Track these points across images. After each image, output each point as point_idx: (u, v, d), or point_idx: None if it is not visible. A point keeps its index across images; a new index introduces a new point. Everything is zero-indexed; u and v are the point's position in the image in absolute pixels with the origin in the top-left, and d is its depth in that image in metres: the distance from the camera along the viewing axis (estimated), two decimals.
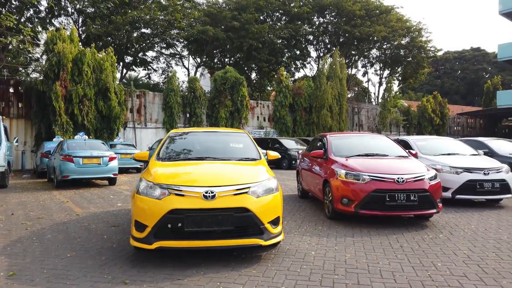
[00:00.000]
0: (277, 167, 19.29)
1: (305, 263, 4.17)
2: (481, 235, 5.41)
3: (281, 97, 26.21)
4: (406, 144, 9.28)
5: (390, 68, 41.07)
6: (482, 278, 3.73)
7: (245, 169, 4.75)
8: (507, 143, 11.33)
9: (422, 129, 31.80)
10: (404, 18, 37.09)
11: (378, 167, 6.21)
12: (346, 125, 28.67)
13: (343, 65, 28.80)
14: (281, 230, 4.39)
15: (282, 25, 35.33)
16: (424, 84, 57.57)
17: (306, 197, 8.86)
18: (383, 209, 5.84)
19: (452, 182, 7.70)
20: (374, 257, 4.38)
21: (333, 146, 7.31)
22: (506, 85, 43.80)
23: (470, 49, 60.95)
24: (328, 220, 6.41)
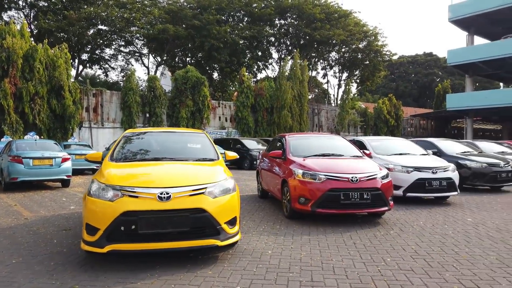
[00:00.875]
0: (239, 167, 19.32)
1: (261, 262, 4.21)
2: (429, 231, 5.71)
3: (243, 98, 26.28)
4: (361, 144, 9.59)
5: (349, 71, 42.31)
6: (427, 271, 3.94)
7: (202, 170, 4.72)
8: (454, 144, 12.02)
9: (378, 130, 33.00)
10: (361, 22, 38.35)
11: (334, 167, 6.38)
12: (306, 125, 29.21)
13: (304, 67, 29.32)
14: (238, 230, 4.41)
15: (244, 26, 35.44)
16: (380, 87, 59.79)
17: (266, 197, 8.93)
18: (338, 207, 6.01)
19: (403, 180, 8.06)
20: (328, 254, 4.50)
21: (291, 146, 7.43)
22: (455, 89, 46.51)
23: (422, 54, 64.05)
24: (286, 220, 6.50)
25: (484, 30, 31.99)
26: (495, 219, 6.58)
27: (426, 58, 62.40)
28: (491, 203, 8.34)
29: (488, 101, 28.11)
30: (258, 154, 17.50)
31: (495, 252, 4.62)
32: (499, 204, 8.20)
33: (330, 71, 43.85)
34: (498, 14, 28.35)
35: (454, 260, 4.30)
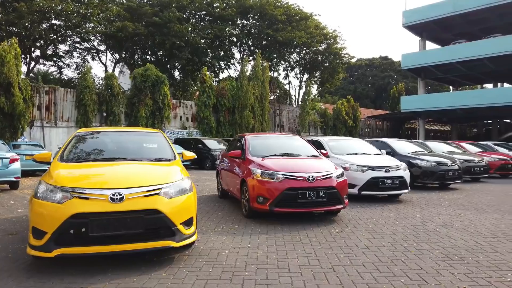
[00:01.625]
0: (200, 167, 19.18)
1: (218, 262, 4.20)
2: (381, 227, 5.94)
3: (204, 97, 26.06)
4: (319, 144, 9.82)
5: (309, 73, 43.12)
6: (378, 266, 4.10)
7: (158, 170, 4.64)
8: (407, 144, 12.60)
9: (337, 130, 33.89)
10: (321, 25, 39.21)
11: (292, 167, 6.49)
12: (268, 126, 29.46)
13: (265, 67, 29.55)
14: (194, 230, 4.37)
15: (205, 25, 35.17)
16: (339, 89, 61.46)
17: (226, 197, 8.92)
18: (296, 206, 6.12)
19: (358, 179, 8.34)
20: (284, 253, 4.57)
21: (250, 146, 7.46)
22: (409, 91, 48.69)
23: (379, 58, 66.52)
24: (245, 219, 6.53)
25: (435, 36, 33.76)
26: (442, 215, 6.96)
27: (382, 62, 64.86)
28: (439, 200, 8.81)
29: (438, 104, 29.70)
30: (219, 154, 17.41)
31: (441, 246, 4.89)
32: (446, 201, 8.68)
33: (292, 72, 44.53)
34: (448, 21, 30.03)
35: (402, 255, 4.50)
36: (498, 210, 7.53)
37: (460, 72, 30.99)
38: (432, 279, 3.71)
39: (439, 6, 29.42)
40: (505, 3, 26.06)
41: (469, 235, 5.49)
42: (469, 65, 29.00)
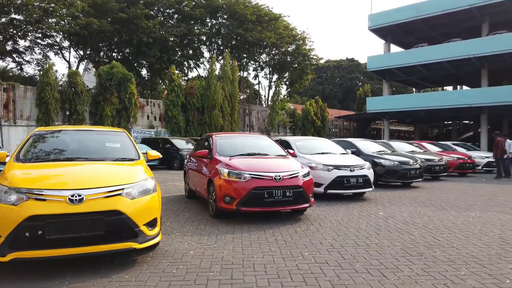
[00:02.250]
0: (169, 167, 18.92)
1: (182, 263, 4.16)
2: (345, 225, 6.08)
3: (173, 96, 25.70)
4: (287, 144, 9.93)
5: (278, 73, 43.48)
6: (340, 263, 4.19)
7: (120, 170, 4.53)
8: (371, 143, 12.96)
9: (306, 130, 34.36)
10: (290, 26, 39.62)
11: (259, 166, 6.51)
12: (237, 125, 29.45)
13: (235, 67, 29.52)
14: (158, 231, 4.30)
15: (174, 23, 34.69)
16: (308, 89, 62.35)
17: (193, 197, 8.84)
18: (262, 205, 6.15)
19: (324, 178, 8.49)
20: (250, 252, 4.58)
21: (218, 146, 7.43)
22: (375, 93, 50.10)
23: (346, 59, 68.05)
24: (212, 219, 6.49)
25: (399, 39, 34.90)
26: (403, 213, 7.21)
27: (349, 63, 66.39)
28: (401, 198, 9.12)
29: (402, 105, 30.73)
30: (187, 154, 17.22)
31: (401, 242, 5.06)
32: (408, 199, 9.00)
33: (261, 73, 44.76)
34: (411, 25, 31.13)
35: (364, 252, 4.62)
36: (455, 207, 7.88)
37: (422, 74, 32.19)
38: (391, 275, 3.83)
39: (402, 10, 30.43)
40: (462, 9, 27.32)
41: (427, 231, 5.72)
42: (431, 68, 30.19)
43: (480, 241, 5.15)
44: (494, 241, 5.12)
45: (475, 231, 5.74)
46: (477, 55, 26.26)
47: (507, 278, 3.71)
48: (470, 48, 26.63)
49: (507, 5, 26.10)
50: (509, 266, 4.08)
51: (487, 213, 7.25)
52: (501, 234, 5.52)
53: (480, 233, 5.61)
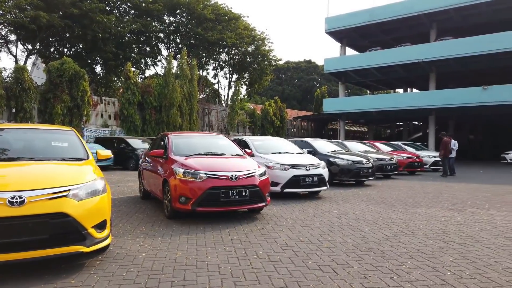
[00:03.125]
0: (124, 167, 18.36)
1: (133, 266, 4.04)
2: (299, 223, 6.19)
3: (128, 94, 24.95)
4: (245, 143, 9.93)
5: (238, 73, 43.52)
6: (293, 261, 4.25)
7: (67, 170, 4.31)
8: (327, 143, 13.29)
9: (265, 130, 34.65)
10: (250, 26, 39.77)
11: (215, 166, 6.47)
12: (196, 125, 29.14)
13: (193, 66, 29.17)
14: (108, 234, 4.15)
15: (130, 19, 33.68)
16: (268, 90, 62.94)
17: (148, 198, 8.63)
18: (219, 205, 6.11)
19: (281, 177, 8.60)
20: (205, 252, 4.54)
21: (173, 145, 7.30)
22: (332, 94, 51.46)
23: (304, 61, 69.42)
24: (167, 220, 6.37)
25: (354, 43, 36.11)
26: (355, 210, 7.46)
27: (307, 65, 67.77)
28: (354, 196, 9.43)
29: (357, 106, 31.84)
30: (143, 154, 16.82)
31: (352, 239, 5.23)
32: (360, 197, 9.33)
33: (221, 72, 44.59)
34: (365, 29, 32.31)
35: (317, 249, 4.73)
36: (404, 204, 8.27)
37: (376, 77, 33.52)
38: (342, 270, 3.94)
39: (357, 14, 31.51)
40: (412, 15, 28.77)
41: (377, 227, 5.95)
42: (384, 71, 31.51)
43: (425, 236, 5.42)
44: (437, 236, 5.42)
45: (421, 226, 6.05)
46: (426, 59, 27.75)
47: (448, 271, 3.93)
48: (420, 52, 28.08)
49: (452, 13, 27.79)
50: (450, 259, 4.34)
51: (432, 209, 7.66)
52: (445, 229, 5.85)
53: (425, 228, 5.91)
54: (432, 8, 27.76)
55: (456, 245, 4.90)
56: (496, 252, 4.57)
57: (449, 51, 26.91)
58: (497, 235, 5.46)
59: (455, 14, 27.81)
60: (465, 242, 5.05)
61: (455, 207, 7.88)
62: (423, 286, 3.50)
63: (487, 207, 7.95)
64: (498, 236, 5.37)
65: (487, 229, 5.86)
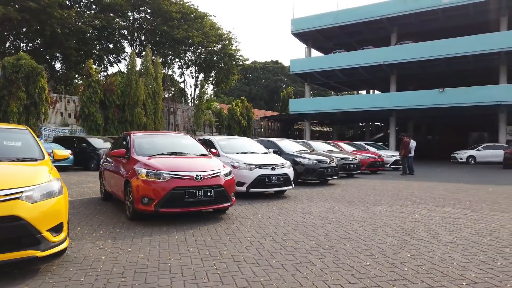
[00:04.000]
0: (85, 168, 17.74)
1: (92, 269, 3.90)
2: (264, 223, 6.21)
3: (90, 92, 24.11)
4: (211, 143, 9.87)
5: (205, 72, 43.18)
6: (258, 260, 4.26)
7: (20, 171, 4.10)
8: (292, 143, 13.45)
9: (232, 130, 34.59)
10: (216, 25, 39.56)
11: (179, 166, 6.38)
12: (161, 124, 28.63)
13: (158, 64, 28.64)
14: (65, 237, 3.98)
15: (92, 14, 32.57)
16: (235, 89, 62.88)
17: (110, 199, 8.37)
18: (183, 205, 6.03)
19: (247, 177, 8.60)
20: (167, 254, 4.46)
21: (136, 145, 7.13)
22: (298, 95, 52.15)
23: (271, 62, 69.89)
24: (129, 222, 6.20)
25: (320, 44, 36.81)
26: (319, 209, 7.59)
27: (274, 65, 68.29)
28: (318, 195, 9.60)
29: (322, 107, 32.47)
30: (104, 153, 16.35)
31: (315, 237, 5.31)
32: (324, 196, 9.50)
33: (187, 71, 44.15)
34: (329, 32, 33.01)
35: (281, 248, 4.76)
36: (365, 202, 8.51)
37: (340, 78, 34.32)
38: (305, 268, 3.99)
39: (322, 17, 32.14)
40: (374, 19, 29.70)
41: (340, 225, 6.08)
42: (347, 72, 32.33)
43: (384, 233, 5.60)
44: (396, 233, 5.61)
45: (381, 223, 6.24)
46: (387, 62, 28.74)
47: (406, 266, 4.08)
48: (381, 55, 29.04)
49: (412, 18, 28.93)
50: (408, 255, 4.50)
51: (392, 207, 7.93)
52: (403, 226, 6.07)
53: (385, 225, 6.11)
54: (393, 13, 28.78)
55: (413, 242, 5.10)
56: (450, 248, 4.79)
57: (408, 55, 28.01)
58: (451, 231, 5.73)
59: (414, 19, 28.97)
60: (422, 238, 5.26)
61: (413, 205, 8.20)
62: (382, 282, 3.61)
63: (443, 204, 8.33)
64: (452, 232, 5.64)
65: (442, 225, 6.13)
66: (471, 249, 4.71)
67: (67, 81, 35.39)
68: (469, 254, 4.51)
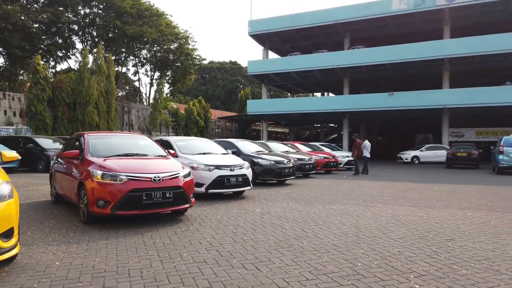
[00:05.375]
0: (32, 169, 16.77)
1: (46, 276, 3.75)
2: (224, 223, 6.26)
3: (37, 90, 22.83)
4: (168, 144, 9.75)
5: (160, 71, 42.33)
6: (218, 261, 4.30)
7: None
8: (250, 144, 13.58)
9: (189, 130, 34.19)
10: (173, 24, 38.94)
11: (136, 167, 6.26)
12: (115, 124, 27.72)
13: (110, 61, 27.69)
14: (16, 242, 3.80)
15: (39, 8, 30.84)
16: (192, 89, 62.18)
17: (61, 202, 8.03)
18: (141, 208, 5.92)
19: (205, 178, 8.59)
20: (125, 257, 4.38)
21: (90, 146, 6.89)
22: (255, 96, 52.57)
23: (229, 62, 69.91)
24: (83, 225, 6.00)
25: (276, 47, 37.37)
26: (277, 208, 7.75)
27: (231, 66, 68.36)
28: (276, 195, 9.78)
29: (278, 108, 32.99)
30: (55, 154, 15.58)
31: (274, 236, 5.44)
32: (282, 196, 9.71)
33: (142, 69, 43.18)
34: (286, 34, 33.61)
35: (241, 248, 4.84)
36: (321, 202, 8.80)
37: (296, 80, 35.05)
38: (264, 267, 4.09)
39: (279, 20, 32.65)
40: (329, 24, 30.67)
41: (297, 224, 6.26)
42: (303, 75, 33.09)
43: (339, 230, 5.85)
44: (350, 230, 5.88)
45: (336, 222, 6.50)
46: (340, 66, 29.77)
47: (359, 262, 4.30)
48: (335, 59, 30.04)
49: (364, 24, 30.18)
50: (361, 251, 4.74)
51: (346, 205, 8.27)
52: (356, 224, 6.37)
53: (339, 223, 6.37)
54: (346, 18, 29.86)
55: (366, 238, 5.37)
56: (399, 243, 5.11)
57: (360, 59, 29.21)
58: (400, 227, 6.10)
59: (366, 25, 30.24)
60: (374, 235, 5.56)
61: (365, 203, 8.60)
62: (338, 278, 3.79)
63: (392, 202, 8.81)
64: (401, 229, 6.00)
65: (392, 222, 6.50)
66: (417, 244, 5.05)
67: (11, 77, 33.23)
68: (416, 248, 4.84)
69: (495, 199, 9.39)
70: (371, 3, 29.02)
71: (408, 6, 27.58)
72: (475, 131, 30.00)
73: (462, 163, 22.60)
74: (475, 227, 6.10)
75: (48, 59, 34.51)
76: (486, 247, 4.93)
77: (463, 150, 22.52)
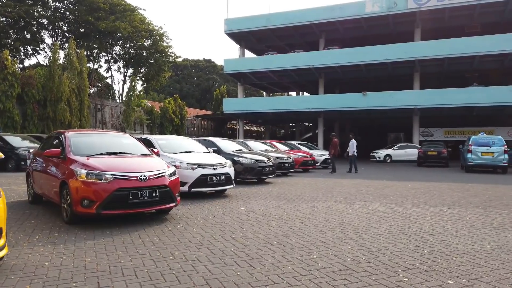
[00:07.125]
0: (2, 169, 16.13)
1: (37, 276, 3.67)
2: (211, 222, 6.28)
3: (5, 86, 21.87)
4: (149, 142, 9.63)
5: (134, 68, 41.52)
6: (210, 259, 4.33)
7: None
8: (231, 143, 13.60)
9: (164, 128, 33.73)
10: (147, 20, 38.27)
11: (122, 166, 6.18)
12: (88, 121, 27.00)
13: (83, 57, 26.95)
14: (4, 244, 3.70)
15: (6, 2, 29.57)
16: (166, 87, 61.30)
17: (40, 202, 7.81)
18: (127, 207, 5.86)
19: (188, 177, 8.57)
20: (116, 257, 4.33)
21: (72, 144, 6.73)
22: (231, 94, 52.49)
23: (203, 60, 69.41)
24: (67, 226, 5.87)
25: (252, 46, 37.43)
26: (261, 206, 7.83)
27: (206, 64, 67.92)
28: (258, 193, 9.87)
29: (254, 107, 33.11)
30: (27, 153, 15.06)
31: (262, 234, 5.51)
32: (264, 194, 9.80)
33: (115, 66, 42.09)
34: (262, 34, 33.74)
35: (232, 245, 4.88)
36: (303, 199, 8.96)
37: (272, 80, 35.25)
38: (258, 264, 4.16)
39: (255, 19, 32.73)
40: (304, 24, 31.00)
41: (283, 221, 6.36)
42: (279, 74, 33.33)
43: (325, 227, 5.99)
44: (335, 227, 6.04)
45: (320, 219, 6.65)
46: (316, 66, 30.18)
47: (348, 257, 4.44)
48: (310, 59, 30.42)
49: (337, 25, 30.71)
50: (349, 247, 4.89)
51: (327, 203, 8.46)
52: (340, 220, 6.54)
53: (324, 220, 6.53)
54: (321, 19, 30.29)
55: (351, 234, 5.54)
56: (383, 239, 5.30)
57: (334, 60, 29.72)
58: (382, 223, 6.32)
59: (340, 26, 30.79)
60: (358, 231, 5.73)
61: (346, 201, 8.82)
62: (330, 273, 3.90)
63: (371, 199, 9.08)
64: (383, 225, 6.22)
65: (374, 219, 6.72)
66: (401, 239, 5.26)
67: None
68: (400, 244, 5.04)
69: (467, 195, 9.85)
70: (346, 4, 29.58)
71: (381, 9, 28.30)
72: (443, 131, 31.15)
73: (433, 161, 23.47)
74: (452, 223, 6.40)
75: (16, 55, 33.15)
76: (464, 241, 5.20)
77: (434, 149, 23.38)
